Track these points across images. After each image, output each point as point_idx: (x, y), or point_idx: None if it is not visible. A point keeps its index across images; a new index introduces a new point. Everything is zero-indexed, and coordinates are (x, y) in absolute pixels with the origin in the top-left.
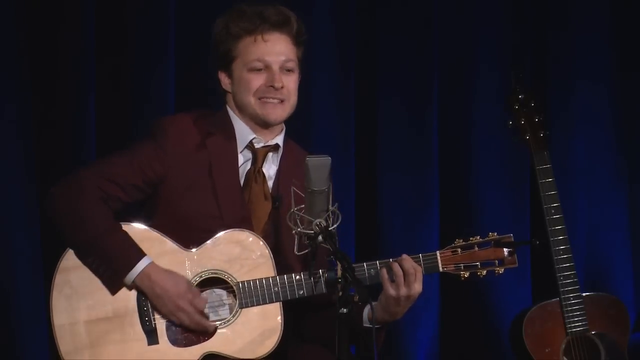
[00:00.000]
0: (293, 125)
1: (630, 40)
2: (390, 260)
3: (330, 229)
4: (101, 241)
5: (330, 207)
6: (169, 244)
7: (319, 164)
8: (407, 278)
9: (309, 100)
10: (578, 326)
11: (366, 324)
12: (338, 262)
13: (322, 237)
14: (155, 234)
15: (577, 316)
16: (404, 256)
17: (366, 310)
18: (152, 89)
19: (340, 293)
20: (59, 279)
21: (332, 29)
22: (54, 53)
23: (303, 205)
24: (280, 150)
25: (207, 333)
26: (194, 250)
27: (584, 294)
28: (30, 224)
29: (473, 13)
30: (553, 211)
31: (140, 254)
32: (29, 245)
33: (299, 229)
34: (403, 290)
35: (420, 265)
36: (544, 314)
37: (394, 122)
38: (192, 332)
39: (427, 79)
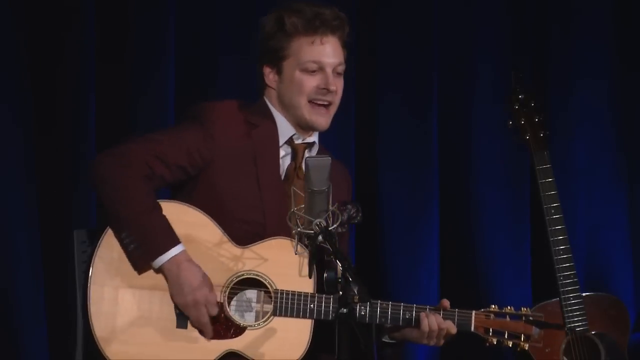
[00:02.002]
0: None
1: (630, 40)
2: (427, 308)
3: (330, 229)
4: (139, 219)
5: (330, 207)
6: (219, 235)
7: (319, 164)
8: (430, 335)
9: None
10: (578, 326)
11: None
12: (338, 262)
13: (322, 237)
14: (207, 220)
15: (577, 316)
16: (436, 315)
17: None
18: (152, 88)
19: (340, 293)
20: (105, 240)
21: None
22: (54, 53)
23: (303, 205)
24: (316, 147)
25: (235, 331)
26: (241, 247)
27: (584, 294)
28: (30, 224)
29: (473, 13)
30: (553, 211)
31: (175, 241)
32: (29, 246)
33: (299, 229)
34: (425, 342)
35: (454, 319)
36: (544, 314)
37: (394, 122)
38: (220, 326)
39: (427, 78)
